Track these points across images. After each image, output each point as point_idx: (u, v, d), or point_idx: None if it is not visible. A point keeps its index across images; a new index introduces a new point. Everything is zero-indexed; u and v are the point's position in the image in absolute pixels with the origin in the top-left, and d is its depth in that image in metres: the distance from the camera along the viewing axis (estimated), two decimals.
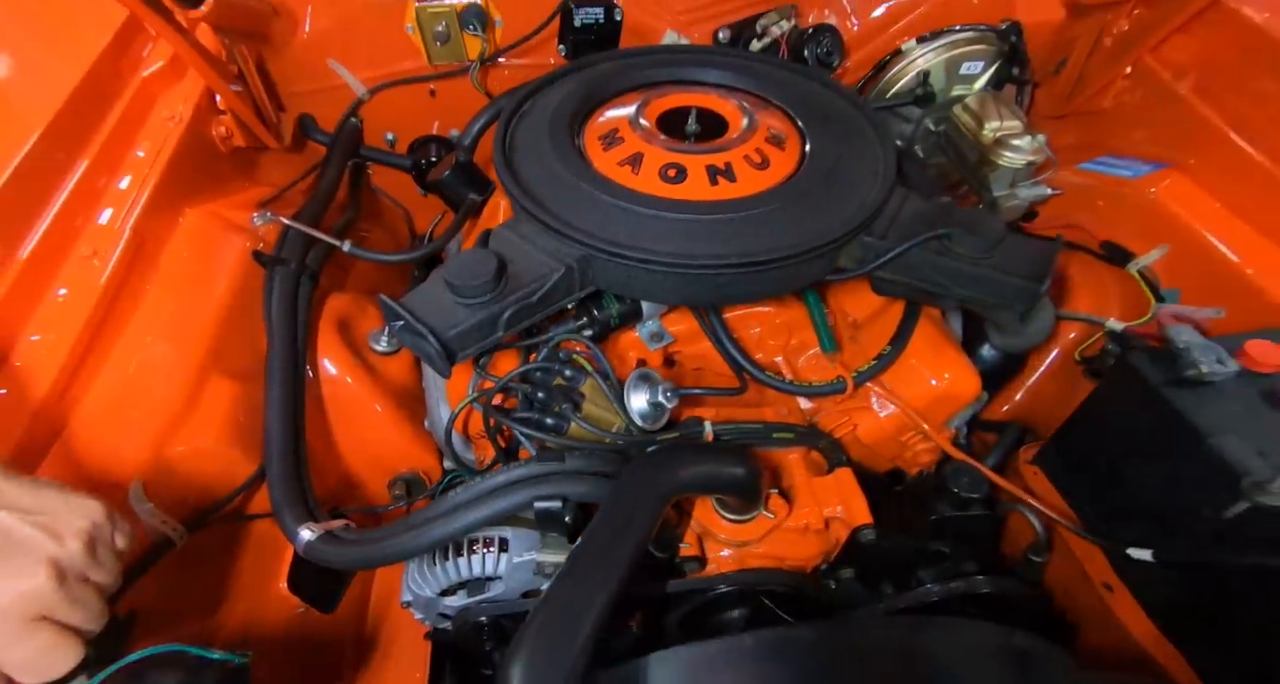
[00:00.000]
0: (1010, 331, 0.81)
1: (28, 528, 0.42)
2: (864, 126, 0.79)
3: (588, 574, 0.50)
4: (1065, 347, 0.96)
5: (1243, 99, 0.88)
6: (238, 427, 0.69)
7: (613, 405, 0.68)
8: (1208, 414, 0.61)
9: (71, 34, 0.78)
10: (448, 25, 0.99)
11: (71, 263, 0.66)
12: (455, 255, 0.61)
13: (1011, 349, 0.86)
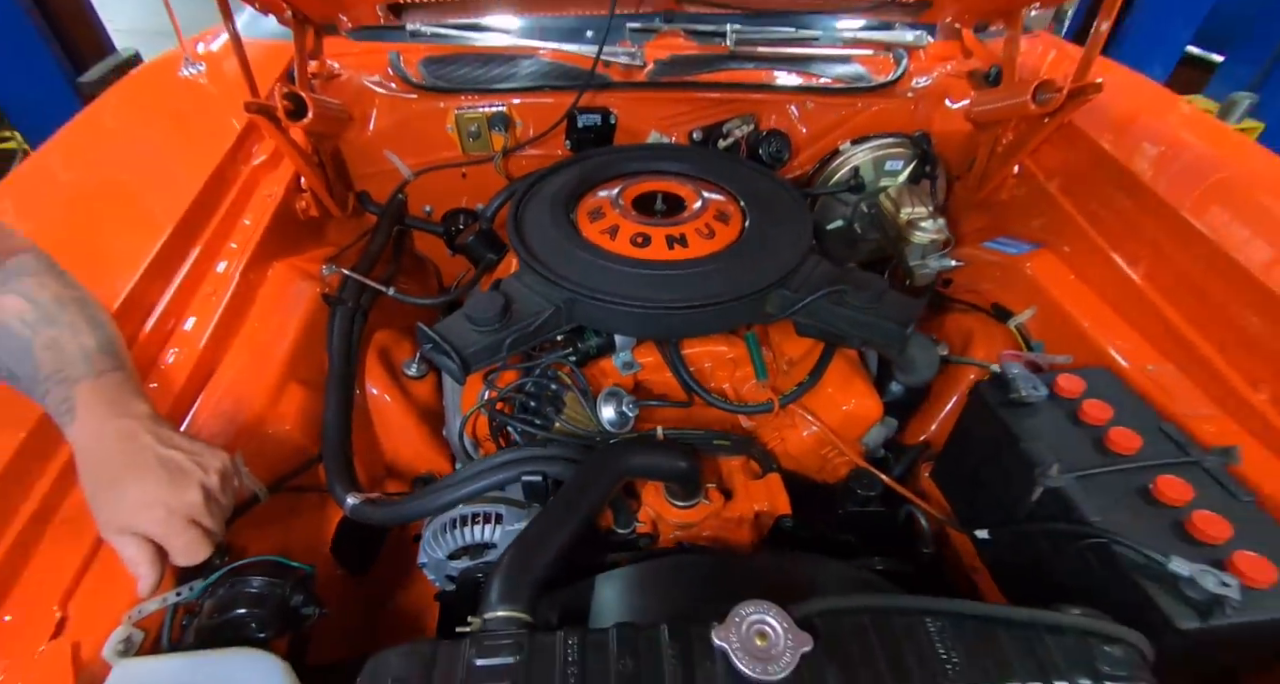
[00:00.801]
0: (906, 370, 1.02)
1: (189, 462, 0.64)
2: (792, 208, 1.04)
3: (552, 520, 0.70)
4: (967, 384, 1.17)
5: (1092, 198, 1.12)
6: (305, 421, 0.91)
7: (588, 413, 0.90)
8: (1024, 426, 0.81)
9: (212, 134, 1.07)
10: (479, 127, 1.28)
11: (198, 299, 0.91)
12: (474, 296, 0.85)
13: (909, 384, 1.06)
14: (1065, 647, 0.57)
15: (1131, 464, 0.76)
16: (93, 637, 0.60)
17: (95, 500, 0.62)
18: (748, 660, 0.53)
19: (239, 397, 0.86)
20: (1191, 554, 0.65)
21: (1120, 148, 1.11)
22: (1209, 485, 0.74)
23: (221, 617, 0.64)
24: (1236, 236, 0.92)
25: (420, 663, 0.55)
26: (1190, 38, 2.33)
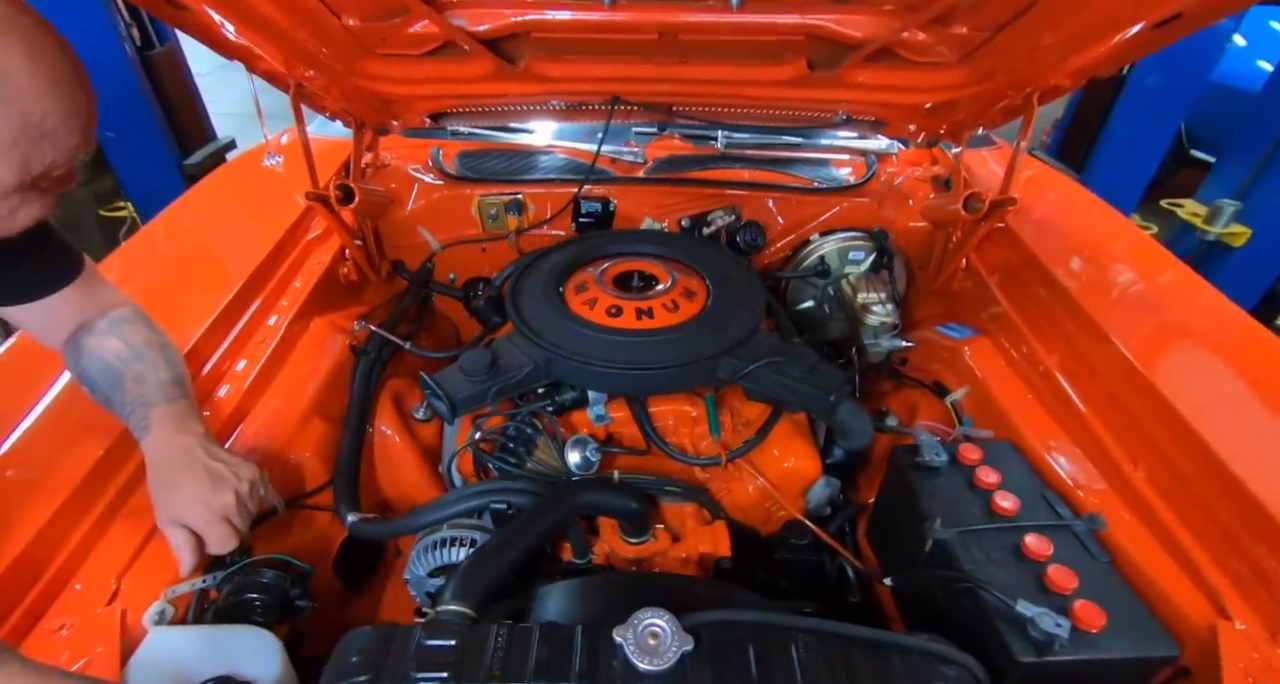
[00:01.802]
0: (844, 436, 1.15)
1: (228, 472, 0.82)
2: (750, 290, 1.21)
3: (506, 538, 0.86)
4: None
5: (1023, 293, 1.27)
6: (323, 451, 1.09)
7: (555, 456, 1.06)
8: (925, 486, 0.94)
9: (280, 213, 1.32)
10: (498, 210, 1.52)
11: (250, 346, 1.12)
12: (468, 351, 1.03)
13: (847, 448, 1.19)
14: (910, 665, 0.69)
15: (1008, 523, 0.88)
16: (137, 606, 0.77)
17: (155, 497, 0.80)
18: (639, 654, 0.66)
19: (272, 426, 1.05)
20: (1041, 600, 0.76)
21: (1047, 252, 1.27)
22: (1073, 545, 0.85)
23: (235, 599, 0.80)
24: (1131, 333, 1.05)
25: (382, 638, 0.69)
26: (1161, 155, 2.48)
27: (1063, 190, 1.60)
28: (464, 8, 0.96)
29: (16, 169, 0.60)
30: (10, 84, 0.56)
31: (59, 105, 0.60)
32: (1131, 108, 2.29)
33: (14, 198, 0.63)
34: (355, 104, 1.28)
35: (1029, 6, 0.92)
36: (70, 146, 0.63)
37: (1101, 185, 2.46)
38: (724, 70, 1.17)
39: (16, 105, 0.57)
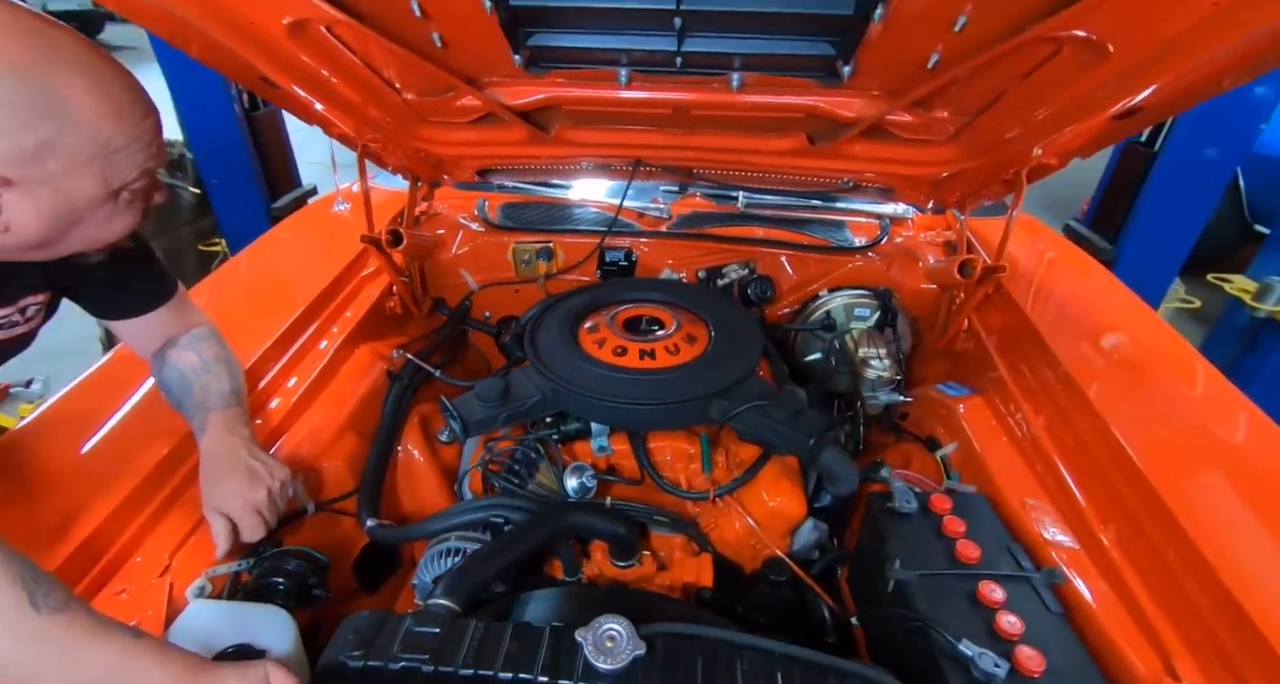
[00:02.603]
0: (830, 482, 1.21)
1: (264, 471, 0.96)
2: (749, 338, 1.31)
3: (497, 547, 0.96)
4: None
5: (1017, 356, 1.32)
6: (353, 463, 1.23)
7: (555, 480, 1.16)
8: (894, 531, 0.99)
9: (342, 253, 1.50)
10: (530, 256, 1.67)
11: (301, 366, 1.28)
12: (484, 380, 1.15)
13: (834, 494, 1.24)
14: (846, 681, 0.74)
15: (968, 570, 0.92)
16: (182, 581, 0.90)
17: (204, 488, 0.94)
18: (596, 654, 0.75)
19: (311, 437, 1.19)
20: (987, 643, 0.81)
21: (1044, 320, 1.32)
22: (1029, 596, 0.89)
23: (262, 581, 0.93)
24: (1112, 403, 1.08)
25: (376, 622, 0.80)
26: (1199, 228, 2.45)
27: (1076, 265, 1.65)
28: (500, 86, 1.13)
29: (99, 182, 0.72)
30: (78, 111, 0.68)
31: (123, 127, 0.72)
32: (1165, 180, 2.30)
33: (105, 208, 0.76)
34: (412, 162, 1.47)
35: (997, 98, 1.02)
36: (140, 161, 0.75)
37: (1137, 256, 2.45)
38: (732, 140, 1.30)
39: (87, 129, 0.69)
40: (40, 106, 0.65)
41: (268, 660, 0.74)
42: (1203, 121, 2.18)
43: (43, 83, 0.65)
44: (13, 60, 0.63)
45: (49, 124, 0.66)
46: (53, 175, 0.68)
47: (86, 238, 0.78)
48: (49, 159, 0.67)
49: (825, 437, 1.10)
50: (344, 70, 1.07)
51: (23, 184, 0.67)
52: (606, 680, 0.74)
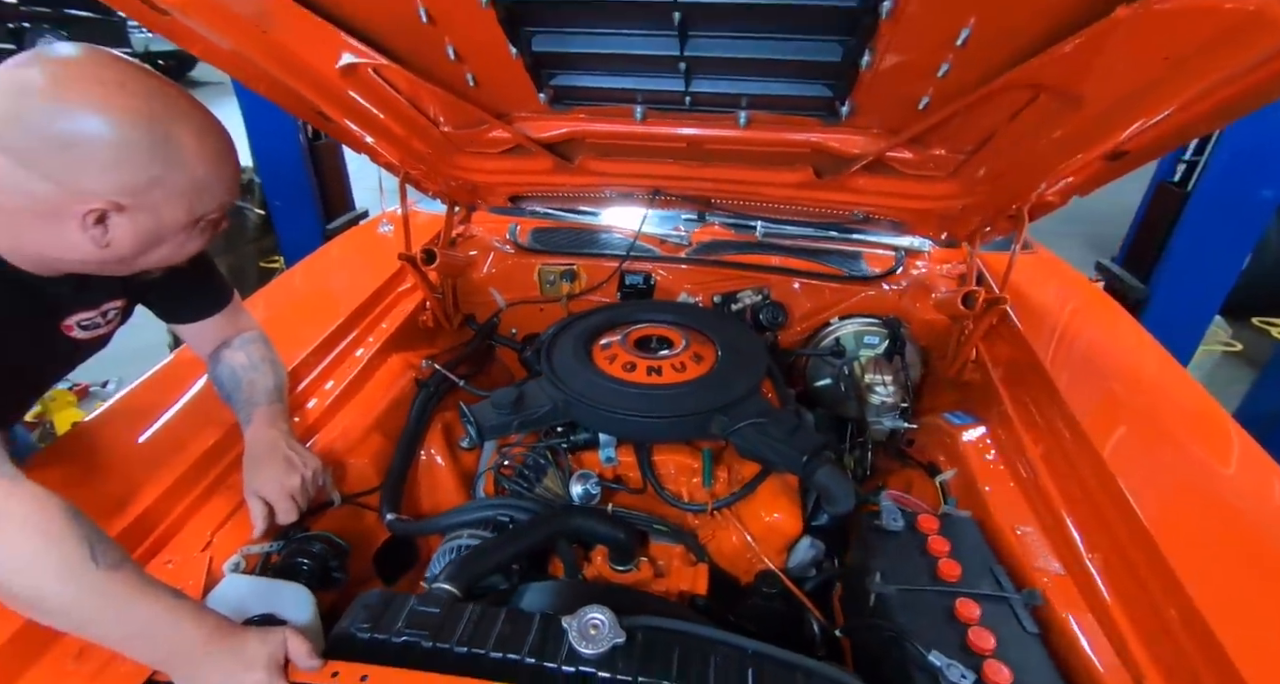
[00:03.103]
0: (827, 501, 1.24)
1: (298, 460, 1.06)
2: (755, 359, 1.37)
3: (499, 542, 1.03)
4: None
5: (1020, 387, 1.34)
6: (379, 462, 1.32)
7: (561, 486, 1.23)
8: (880, 547, 1.03)
9: (382, 269, 1.63)
10: (554, 277, 1.78)
11: (339, 371, 1.40)
12: (500, 389, 1.24)
13: (832, 513, 1.27)
14: (813, 679, 0.78)
15: (947, 588, 0.95)
16: (221, 556, 1.00)
17: (245, 474, 1.05)
18: (578, 639, 0.81)
19: (342, 435, 1.29)
20: (958, 656, 0.84)
21: (1047, 351, 1.34)
22: (1006, 615, 0.91)
23: (289, 561, 1.02)
24: (1106, 433, 1.10)
25: (385, 600, 0.88)
26: (1236, 272, 2.39)
27: (1092, 303, 1.67)
28: (528, 120, 1.24)
29: (186, 212, 0.85)
30: (185, 153, 0.81)
31: (215, 170, 0.85)
32: (1199, 220, 2.27)
33: (184, 233, 0.88)
34: (450, 188, 1.60)
35: (988, 138, 1.07)
36: (221, 198, 0.88)
37: (1170, 297, 2.41)
38: (744, 173, 1.38)
39: (187, 169, 0.82)
40: (157, 150, 0.78)
41: (287, 628, 0.83)
42: (1237, 162, 2.16)
43: (164, 132, 0.78)
44: (141, 112, 0.76)
45: (161, 164, 0.79)
46: (154, 204, 0.81)
47: (161, 257, 0.90)
48: (155, 191, 0.80)
49: (820, 455, 1.15)
50: (389, 106, 1.20)
51: (130, 210, 0.80)
52: (587, 664, 0.80)
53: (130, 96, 0.76)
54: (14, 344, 0.89)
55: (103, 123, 0.74)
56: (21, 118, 0.73)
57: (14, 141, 0.73)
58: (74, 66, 0.75)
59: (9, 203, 0.77)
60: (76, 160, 0.75)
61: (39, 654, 0.81)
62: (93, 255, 0.83)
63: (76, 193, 0.76)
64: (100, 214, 0.78)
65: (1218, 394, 1.27)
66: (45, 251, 0.82)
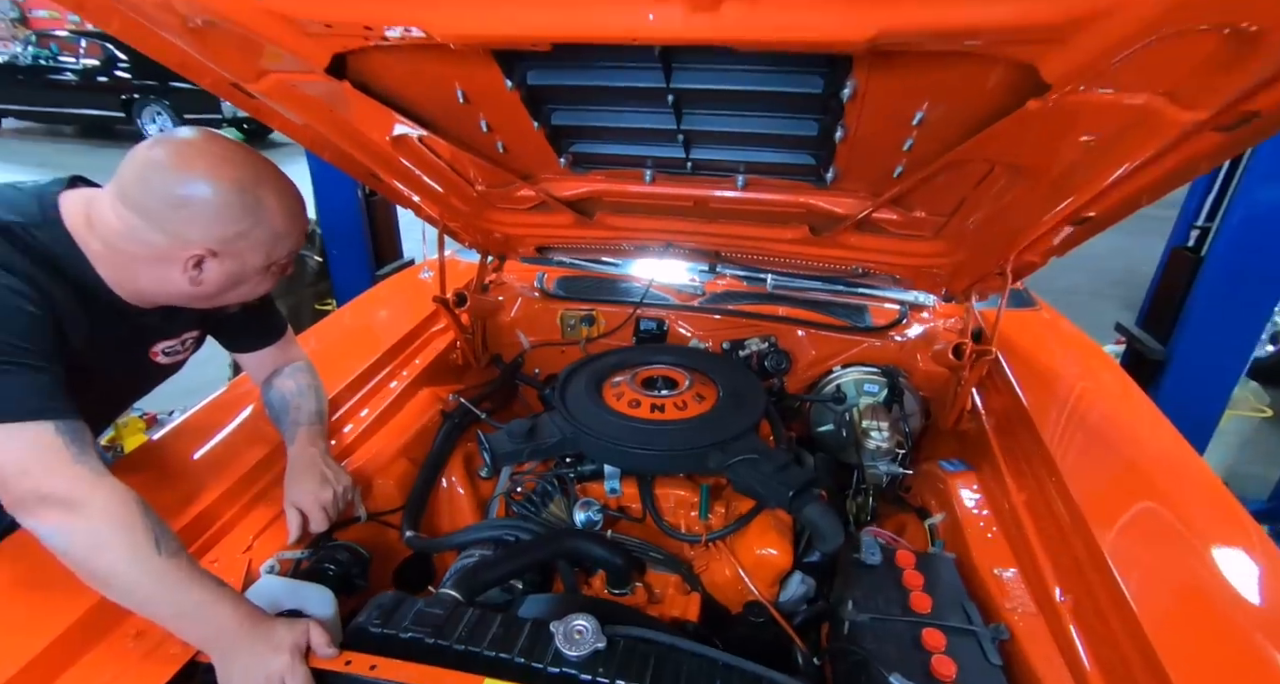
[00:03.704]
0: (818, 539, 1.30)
1: (332, 476, 1.19)
2: (754, 401, 1.46)
3: (502, 556, 1.13)
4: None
5: (1009, 436, 1.40)
6: (403, 484, 1.45)
7: (566, 512, 1.33)
8: (858, 580, 1.09)
9: (420, 310, 1.80)
10: (575, 321, 1.92)
11: (374, 400, 1.55)
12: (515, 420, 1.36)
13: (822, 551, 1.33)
14: None
15: (917, 618, 1.00)
16: (259, 558, 1.12)
17: (286, 486, 1.18)
18: (564, 642, 0.89)
19: (372, 458, 1.43)
20: (921, 680, 0.89)
21: (1036, 401, 1.40)
22: (972, 647, 0.96)
23: (316, 565, 1.14)
24: (1088, 487, 1.15)
25: (396, 601, 0.98)
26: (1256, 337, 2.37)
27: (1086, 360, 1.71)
28: (551, 181, 1.40)
29: (264, 258, 1.02)
30: (268, 212, 0.98)
31: (290, 225, 1.03)
32: (1214, 286, 2.30)
33: (260, 276, 1.06)
34: (483, 239, 1.77)
35: (961, 202, 1.18)
36: (291, 248, 1.06)
37: (1190, 360, 2.41)
38: (746, 229, 1.51)
39: (270, 226, 0.99)
40: (248, 210, 0.96)
41: (310, 621, 0.94)
42: (1250, 228, 2.20)
43: (254, 196, 0.96)
44: (238, 180, 0.95)
45: (250, 220, 0.96)
46: (240, 251, 0.99)
47: (239, 294, 1.08)
48: (242, 241, 0.98)
49: (808, 491, 1.22)
50: (431, 169, 1.38)
51: (221, 256, 0.98)
52: (570, 666, 0.88)
53: (231, 168, 0.94)
54: (113, 365, 1.06)
55: (209, 188, 0.93)
56: (149, 184, 0.92)
57: (141, 201, 0.92)
58: (190, 145, 0.94)
59: (128, 248, 0.95)
60: (187, 217, 0.93)
61: (105, 633, 0.93)
62: (186, 292, 1.00)
63: (183, 242, 0.94)
64: (199, 259, 0.96)
65: (1258, 460, 1.29)
66: (148, 288, 1.00)
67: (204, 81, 1.05)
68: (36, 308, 0.89)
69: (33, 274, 0.90)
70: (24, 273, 0.89)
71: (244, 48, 0.93)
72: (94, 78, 9.34)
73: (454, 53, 0.88)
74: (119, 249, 0.96)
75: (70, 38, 9.82)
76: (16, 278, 0.88)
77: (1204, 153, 0.83)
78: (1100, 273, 2.59)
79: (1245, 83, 0.65)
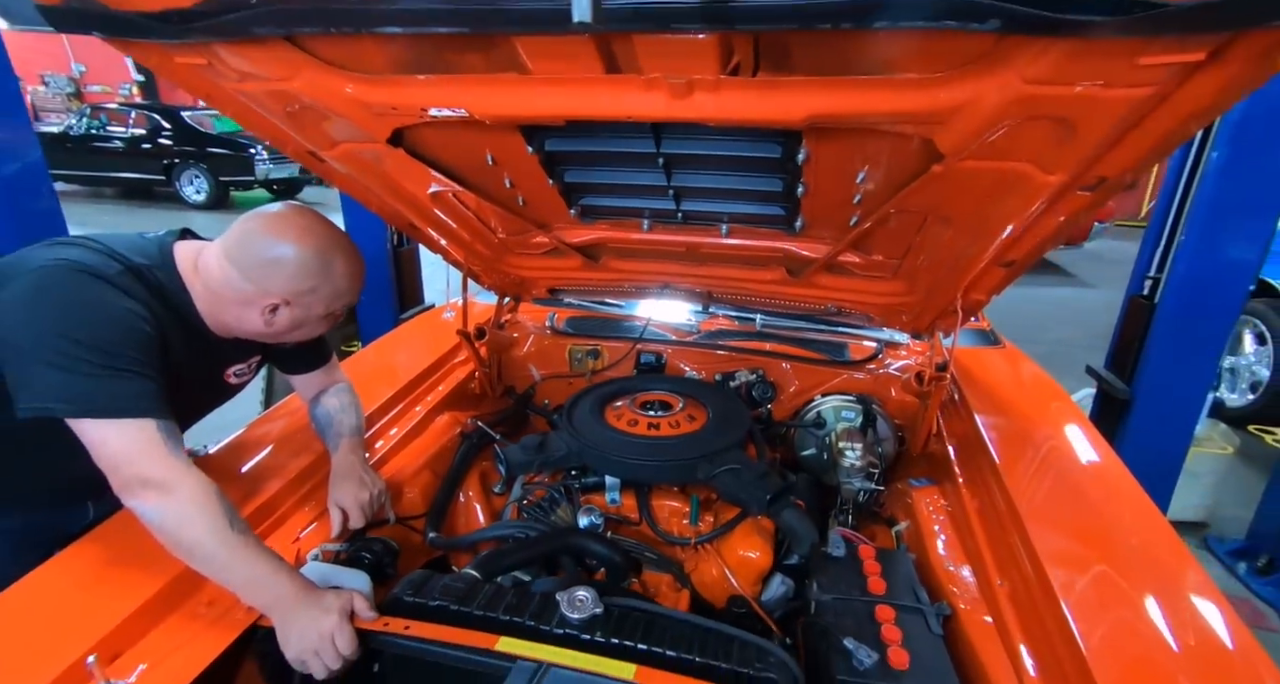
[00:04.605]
0: (793, 543, 1.46)
1: (368, 480, 1.38)
2: (739, 423, 1.64)
3: (513, 548, 1.30)
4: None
5: (966, 456, 1.57)
6: (426, 494, 1.62)
7: (570, 516, 1.50)
8: (823, 569, 1.24)
9: (442, 344, 2.02)
10: (582, 356, 2.13)
11: (401, 421, 1.74)
12: (527, 435, 1.55)
13: (799, 553, 1.48)
14: (746, 652, 1.01)
15: (872, 598, 1.16)
16: (306, 548, 1.29)
17: (330, 488, 1.36)
18: (567, 608, 1.06)
19: (400, 471, 1.61)
20: (871, 644, 1.04)
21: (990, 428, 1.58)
22: (918, 621, 1.11)
23: (354, 554, 1.31)
24: (1030, 496, 1.31)
25: (425, 577, 1.15)
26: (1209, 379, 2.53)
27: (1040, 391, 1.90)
28: (563, 229, 1.64)
29: (325, 308, 1.24)
30: (336, 275, 1.20)
31: (351, 284, 1.24)
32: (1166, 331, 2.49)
33: (317, 322, 1.26)
34: (501, 281, 2.00)
35: (908, 248, 1.41)
36: (348, 301, 1.27)
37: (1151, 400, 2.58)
38: (731, 271, 1.74)
39: (334, 284, 1.21)
40: (321, 270, 1.17)
41: (353, 591, 1.11)
42: (1191, 279, 2.42)
43: (327, 259, 1.18)
44: (316, 246, 1.16)
45: (321, 279, 1.18)
46: (308, 303, 1.20)
47: (299, 335, 1.29)
48: (311, 296, 1.19)
49: (784, 497, 1.40)
50: (461, 219, 1.63)
51: (292, 305, 1.19)
52: (572, 628, 1.04)
53: (312, 238, 1.17)
54: (195, 382, 1.26)
55: (293, 252, 1.15)
56: (248, 246, 1.15)
57: (240, 259, 1.15)
58: (282, 217, 1.17)
59: (223, 293, 1.17)
60: (272, 273, 1.15)
61: (183, 600, 1.11)
62: (259, 330, 1.22)
63: (265, 292, 1.16)
64: (275, 307, 1.18)
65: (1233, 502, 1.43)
66: (231, 323, 1.22)
67: (287, 150, 1.30)
68: (151, 329, 1.11)
69: (150, 303, 1.12)
70: (144, 302, 1.11)
71: (325, 125, 1.18)
72: (139, 145, 10.06)
73: (487, 127, 1.12)
74: (216, 292, 1.18)
75: (120, 109, 10.71)
76: (140, 305, 1.10)
77: (1080, 207, 1.05)
78: (1091, 326, 2.82)
79: (1083, 153, 0.88)
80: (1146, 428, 2.56)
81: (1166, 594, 1.08)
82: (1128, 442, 2.61)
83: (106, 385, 1.03)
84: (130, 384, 1.05)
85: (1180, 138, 0.83)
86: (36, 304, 1.04)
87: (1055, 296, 6.86)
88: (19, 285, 1.05)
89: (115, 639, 1.00)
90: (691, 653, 1.00)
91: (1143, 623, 1.02)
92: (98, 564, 1.12)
